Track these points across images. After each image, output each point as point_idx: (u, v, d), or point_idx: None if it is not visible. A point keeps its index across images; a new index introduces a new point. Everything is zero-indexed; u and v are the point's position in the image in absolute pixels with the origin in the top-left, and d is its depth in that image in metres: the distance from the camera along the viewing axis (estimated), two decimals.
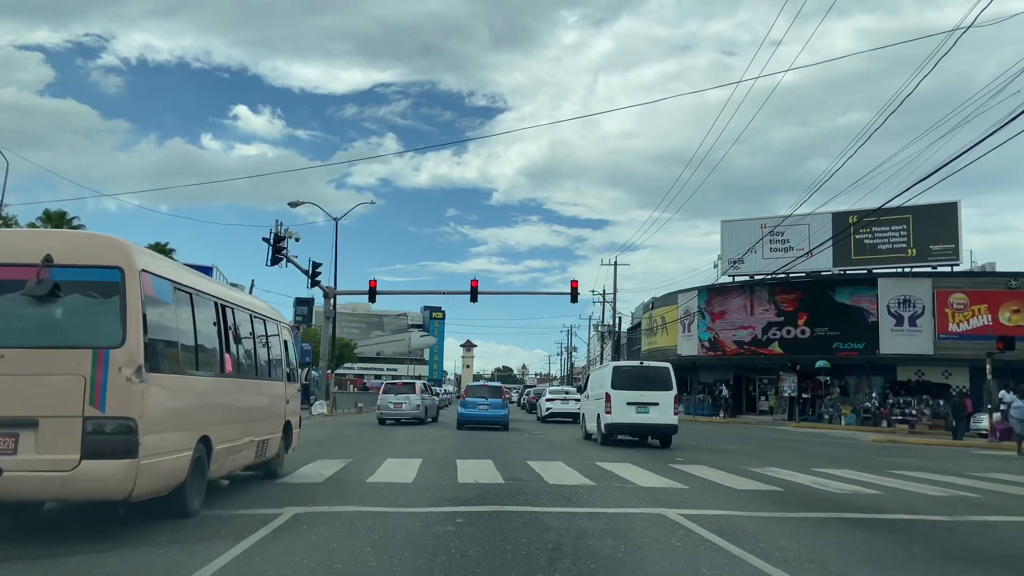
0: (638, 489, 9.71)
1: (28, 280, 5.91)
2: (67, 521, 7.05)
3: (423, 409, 28.13)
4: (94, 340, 5.92)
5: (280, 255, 27.00)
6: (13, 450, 5.68)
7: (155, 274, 6.59)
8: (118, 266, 6.10)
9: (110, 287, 6.04)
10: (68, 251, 6.13)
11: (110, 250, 6.25)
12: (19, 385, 5.78)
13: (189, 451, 6.90)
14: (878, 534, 7.03)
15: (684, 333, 46.84)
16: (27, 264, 5.97)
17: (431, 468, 11.76)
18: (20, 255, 6.07)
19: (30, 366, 5.83)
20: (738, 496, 9.36)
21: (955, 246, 39.67)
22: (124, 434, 5.84)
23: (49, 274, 5.93)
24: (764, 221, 45.50)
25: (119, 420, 5.84)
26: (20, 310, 6.02)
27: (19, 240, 6.55)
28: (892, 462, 15.65)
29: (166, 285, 6.82)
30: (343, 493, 8.87)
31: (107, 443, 5.77)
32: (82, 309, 6.09)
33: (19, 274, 5.96)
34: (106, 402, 5.81)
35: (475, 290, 34.74)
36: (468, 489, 9.36)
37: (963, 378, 37.97)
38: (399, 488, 9.34)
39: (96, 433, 5.77)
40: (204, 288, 7.93)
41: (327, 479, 10.22)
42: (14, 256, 6.09)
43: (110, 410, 5.82)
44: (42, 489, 5.81)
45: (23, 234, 6.80)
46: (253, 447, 9.00)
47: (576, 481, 10.40)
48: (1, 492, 5.65)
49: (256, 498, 8.34)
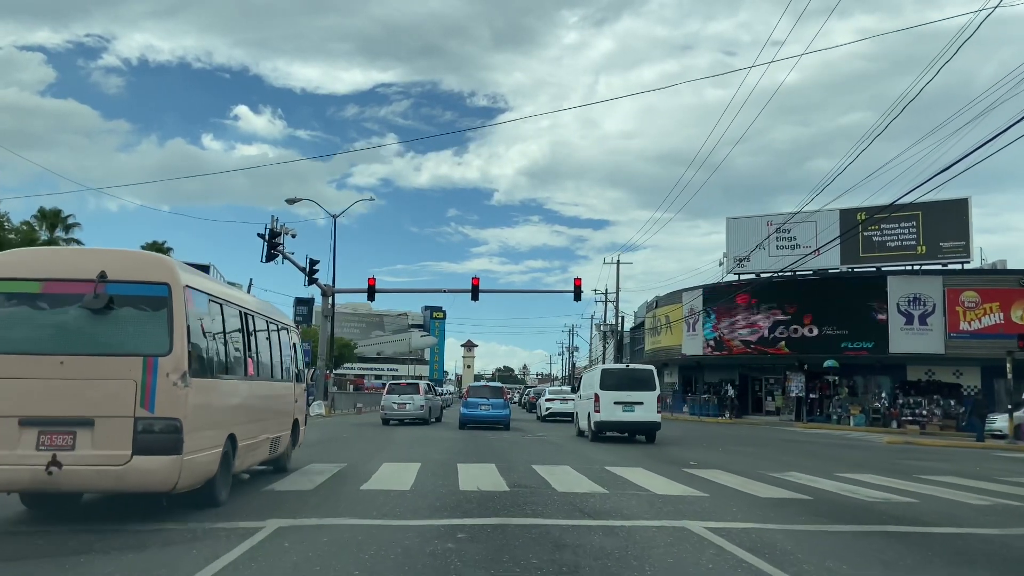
0: (654, 497, 8.96)
1: (85, 294, 6.58)
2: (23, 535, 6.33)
3: (427, 409, 27.95)
4: (144, 348, 6.57)
5: (275, 251, 26.23)
6: (71, 446, 6.29)
7: (195, 288, 7.27)
8: (165, 282, 6.79)
9: (158, 301, 6.72)
10: (120, 268, 6.79)
11: (158, 267, 7.01)
12: (77, 388, 6.40)
13: (220, 447, 7.51)
14: (931, 551, 6.27)
15: (689, 332, 46.06)
16: (84, 280, 6.64)
17: (430, 473, 11.02)
18: (78, 271, 6.73)
19: (87, 371, 6.45)
20: (764, 505, 8.60)
21: (966, 243, 38.87)
22: (171, 433, 6.47)
23: (104, 289, 6.60)
24: (770, 218, 44.70)
25: (166, 420, 6.47)
26: (78, 321, 6.63)
27: (77, 258, 7.29)
28: (915, 466, 14.90)
29: (203, 298, 7.48)
30: (334, 502, 8.12)
31: (156, 441, 6.41)
32: (133, 320, 6.73)
33: (77, 288, 6.62)
34: (155, 404, 6.44)
35: (476, 288, 34.00)
36: (470, 498, 8.62)
37: (974, 378, 37.18)
38: (395, 497, 8.59)
39: (146, 432, 6.41)
40: (232, 298, 8.60)
41: (318, 486, 9.48)
42: (73, 272, 6.75)
43: (158, 411, 6.45)
44: (97, 481, 6.47)
45: (80, 252, 7.46)
46: (268, 444, 9.63)
47: (586, 488, 9.65)
48: (62, 483, 6.29)
49: (239, 507, 7.60)
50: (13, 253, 7.36)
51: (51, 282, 6.72)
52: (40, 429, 6.32)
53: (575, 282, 34.30)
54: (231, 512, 7.35)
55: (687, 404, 47.05)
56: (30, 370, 6.42)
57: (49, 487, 6.35)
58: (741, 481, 10.86)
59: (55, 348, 6.53)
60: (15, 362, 6.44)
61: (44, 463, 6.19)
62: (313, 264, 30.62)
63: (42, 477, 6.19)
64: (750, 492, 9.68)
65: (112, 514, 7.24)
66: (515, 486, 9.67)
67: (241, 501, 8.04)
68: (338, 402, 38.39)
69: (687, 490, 9.64)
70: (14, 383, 6.39)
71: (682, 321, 46.88)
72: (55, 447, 6.28)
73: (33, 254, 7.72)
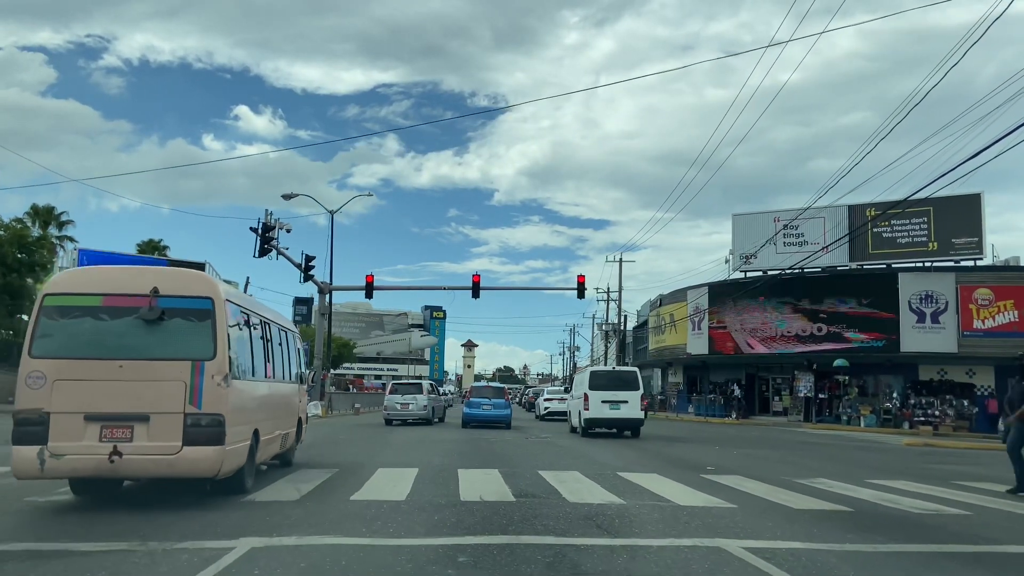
0: (678, 509, 8.03)
1: (141, 307, 7.48)
2: None
3: (430, 409, 27.68)
4: (192, 354, 7.45)
5: (269, 246, 25.26)
6: (129, 438, 7.15)
7: (232, 302, 8.21)
8: (209, 296, 7.72)
9: (204, 313, 7.61)
10: (170, 285, 7.69)
11: (202, 284, 8.02)
12: (134, 388, 7.26)
13: (249, 441, 8.40)
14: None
15: (694, 331, 45.09)
16: (139, 295, 7.54)
17: (428, 480, 10.10)
18: (134, 287, 7.60)
19: (142, 373, 7.32)
20: (802, 519, 7.67)
21: (978, 239, 37.94)
22: (216, 427, 7.37)
23: (156, 302, 7.50)
24: (777, 214, 43.77)
25: (212, 416, 7.36)
26: (135, 330, 7.49)
27: (133, 276, 7.90)
28: (947, 470, 13.97)
29: (237, 309, 8.38)
30: (318, 516, 7.19)
31: (203, 434, 7.29)
32: (182, 329, 7.57)
33: (134, 303, 7.52)
34: (202, 402, 7.33)
35: (476, 285, 33.05)
36: (472, 510, 7.69)
37: (988, 377, 36.20)
38: (388, 509, 7.66)
39: (194, 426, 7.28)
40: (255, 309, 9.60)
41: (304, 496, 8.55)
42: (129, 288, 7.61)
43: (205, 408, 7.34)
44: (152, 469, 7.30)
45: (136, 271, 8.12)
46: (280, 439, 10.50)
47: (601, 498, 8.72)
48: (121, 471, 7.24)
49: (211, 522, 6.69)
50: (78, 271, 8.97)
51: (110, 296, 7.62)
52: (102, 424, 7.20)
53: (578, 279, 33.31)
54: (201, 528, 6.44)
55: (692, 404, 46.06)
56: (93, 372, 7.30)
57: (110, 474, 7.28)
58: (767, 489, 9.94)
59: (115, 353, 7.39)
60: (80, 366, 7.31)
61: (107, 453, 7.10)
62: (309, 260, 29.68)
63: (105, 465, 7.12)
64: (781, 502, 8.75)
65: (63, 531, 6.32)
66: (522, 495, 8.75)
67: (215, 515, 7.12)
68: (336, 403, 37.44)
69: (712, 500, 8.71)
70: (79, 384, 7.25)
71: (687, 320, 45.92)
72: (116, 439, 7.18)
73: (95, 272, 8.55)
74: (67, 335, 7.43)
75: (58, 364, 7.24)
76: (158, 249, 56.00)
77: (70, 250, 45.36)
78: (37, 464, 7.05)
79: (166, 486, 8.54)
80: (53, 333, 7.43)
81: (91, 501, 7.96)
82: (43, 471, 7.09)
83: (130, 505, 7.84)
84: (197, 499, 7.95)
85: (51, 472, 7.15)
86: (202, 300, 7.68)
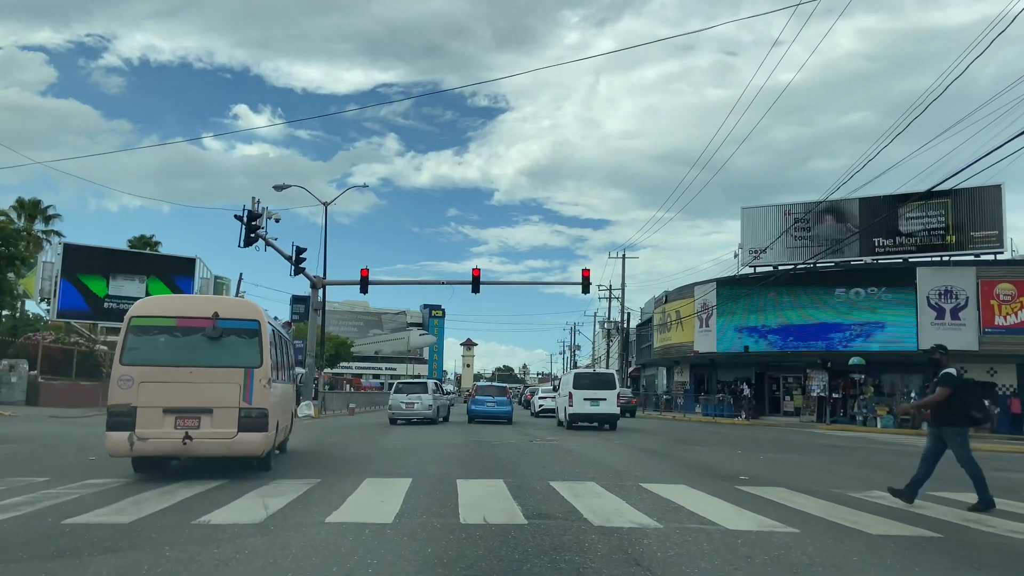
0: (729, 536, 6.49)
1: (205, 327, 9.57)
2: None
3: (435, 409, 27.64)
4: (244, 362, 9.52)
5: (255, 235, 23.66)
6: (197, 426, 9.21)
7: (269, 323, 10.42)
8: (256, 320, 9.90)
9: (252, 332, 9.76)
10: (227, 310, 9.87)
11: (251, 310, 10.19)
12: (201, 388, 9.31)
13: (276, 430, 10.33)
14: None
15: (701, 328, 43.58)
16: (204, 317, 9.64)
17: (423, 494, 8.58)
18: (200, 312, 9.74)
19: (207, 377, 9.36)
20: (887, 549, 6.14)
21: (999, 232, 36.50)
22: (262, 418, 9.48)
23: (217, 323, 9.57)
24: (788, 208, 42.33)
25: (259, 410, 9.44)
26: (201, 344, 9.55)
27: (199, 303, 10.44)
28: (1010, 479, 12.45)
29: (271, 329, 10.45)
30: (279, 548, 5.65)
31: (253, 423, 9.38)
32: (237, 344, 9.65)
33: (200, 323, 9.61)
34: (252, 399, 9.39)
35: (476, 279, 31.56)
36: (475, 538, 6.16)
37: (1010, 376, 34.73)
38: (370, 536, 6.13)
39: (247, 417, 9.35)
40: (277, 326, 11.78)
41: (270, 515, 7.02)
42: (197, 312, 9.76)
43: (254, 403, 9.40)
44: (215, 449, 9.33)
45: (203, 299, 10.90)
46: (284, 431, 12.39)
47: (631, 519, 7.18)
48: (192, 451, 9.29)
49: (150, 556, 5.16)
50: (158, 299, 11.52)
51: (182, 319, 9.69)
52: (177, 415, 9.17)
53: (583, 273, 31.84)
54: (136, 563, 4.93)
55: (700, 404, 44.51)
56: (169, 376, 9.27)
57: (184, 453, 9.36)
58: (824, 506, 8.42)
59: (186, 362, 9.40)
60: (159, 371, 9.29)
61: (180, 437, 9.10)
62: (300, 252, 28.11)
63: (180, 447, 9.15)
64: (850, 524, 7.22)
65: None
66: (535, 516, 7.21)
67: (154, 549, 5.59)
68: (329, 402, 35.88)
69: (765, 522, 7.18)
70: (159, 385, 9.22)
71: (694, 317, 44.40)
72: (187, 427, 9.16)
73: (171, 299, 11.16)
74: (149, 347, 9.51)
75: (143, 370, 9.27)
76: (149, 244, 54.58)
77: (55, 244, 43.80)
78: (127, 445, 9.08)
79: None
80: (138, 347, 9.47)
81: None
82: (132, 450, 9.15)
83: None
84: (129, 530, 6.42)
85: (138, 451, 9.19)
86: (251, 322, 9.84)
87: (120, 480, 9.32)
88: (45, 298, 40.91)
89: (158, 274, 43.81)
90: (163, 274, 43.98)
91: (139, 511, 7.19)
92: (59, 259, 40.88)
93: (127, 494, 8.31)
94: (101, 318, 41.97)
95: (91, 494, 8.24)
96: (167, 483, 9.09)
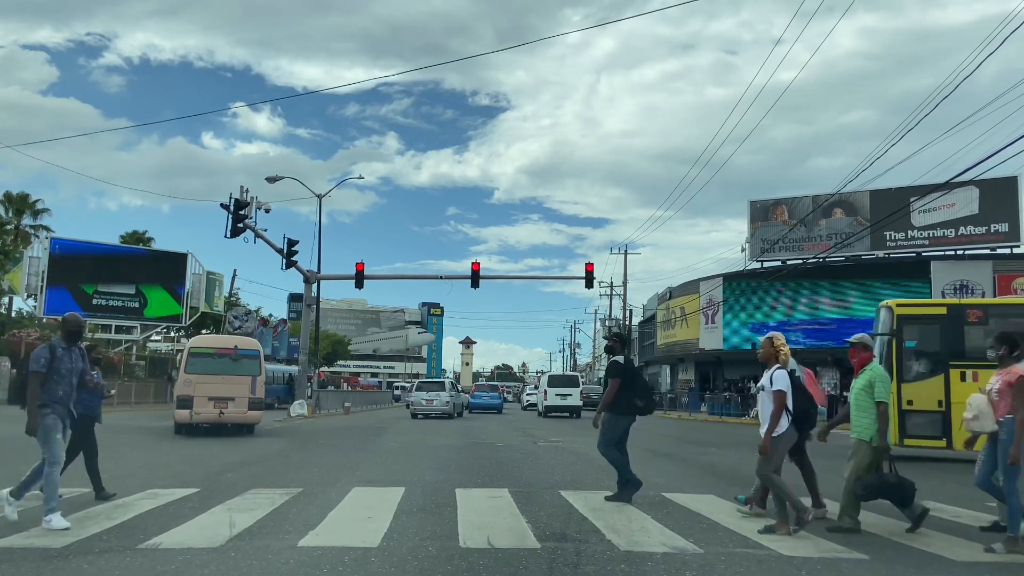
0: (786, 563, 5.35)
1: (230, 353, 17.65)
2: None
3: (452, 405, 30.56)
4: (252, 372, 17.68)
5: (243, 224, 22.47)
6: (227, 407, 17.13)
7: (262, 350, 19.15)
8: (257, 350, 18.55)
9: (255, 356, 18.17)
10: (243, 344, 18.60)
11: (255, 345, 19.13)
12: (228, 386, 17.21)
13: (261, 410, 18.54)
14: None
15: (707, 325, 42.43)
16: (229, 348, 17.94)
17: (416, 508, 7.43)
18: (227, 345, 18.15)
19: (231, 380, 17.28)
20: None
21: (1015, 225, 35.38)
22: (260, 403, 17.90)
23: (236, 352, 17.77)
24: (796, 202, 41.18)
25: (260, 399, 17.85)
26: (228, 362, 17.52)
27: (227, 341, 19.22)
28: None
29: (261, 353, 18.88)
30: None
31: (256, 406, 17.62)
32: (247, 363, 17.78)
33: (227, 352, 17.72)
34: (255, 391, 17.52)
35: (476, 273, 30.45)
36: (478, 569, 5.01)
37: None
38: (350, 567, 4.99)
39: (252, 402, 17.48)
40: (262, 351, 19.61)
41: (234, 536, 5.88)
42: (226, 345, 18.14)
43: (256, 395, 17.55)
44: (236, 418, 17.39)
45: (230, 339, 20.21)
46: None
47: (663, 541, 6.03)
48: (224, 419, 17.26)
49: None
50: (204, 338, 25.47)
51: (219, 348, 17.90)
52: (215, 401, 16.96)
53: (587, 267, 30.72)
54: None
55: (705, 403, 43.31)
56: (211, 380, 17.05)
57: (219, 421, 17.26)
58: (881, 521, 7.28)
59: (220, 372, 17.21)
60: (205, 377, 17.08)
61: (218, 413, 17.01)
62: (292, 245, 26.93)
63: (217, 417, 17.09)
64: (920, 547, 6.08)
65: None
66: (548, 538, 6.06)
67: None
68: (324, 402, 34.70)
69: (825, 545, 6.03)
70: (205, 385, 17.00)
71: (699, 313, 43.25)
72: (221, 408, 17.02)
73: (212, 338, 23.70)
74: (200, 364, 17.35)
75: (197, 376, 17.06)
76: (142, 240, 53.49)
77: (43, 238, 42.58)
78: (189, 416, 16.90)
79: None
80: (195, 363, 17.34)
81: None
82: (191, 419, 16.96)
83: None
84: (57, 557, 5.27)
85: (196, 419, 17.03)
86: (255, 351, 18.27)
87: (82, 490, 8.07)
88: (32, 294, 39.70)
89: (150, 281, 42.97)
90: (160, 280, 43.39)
91: (81, 531, 6.07)
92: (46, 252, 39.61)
93: (80, 506, 7.20)
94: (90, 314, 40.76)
95: (38, 506, 7.10)
96: (139, 490, 8.09)
